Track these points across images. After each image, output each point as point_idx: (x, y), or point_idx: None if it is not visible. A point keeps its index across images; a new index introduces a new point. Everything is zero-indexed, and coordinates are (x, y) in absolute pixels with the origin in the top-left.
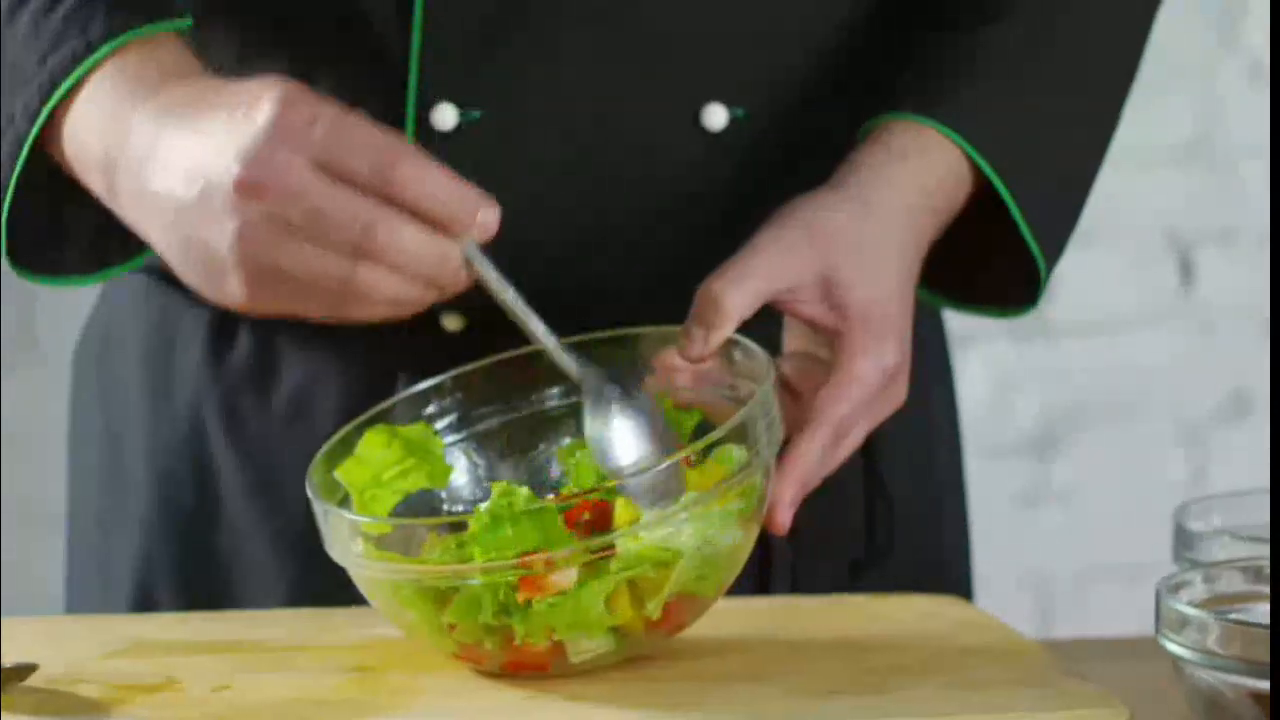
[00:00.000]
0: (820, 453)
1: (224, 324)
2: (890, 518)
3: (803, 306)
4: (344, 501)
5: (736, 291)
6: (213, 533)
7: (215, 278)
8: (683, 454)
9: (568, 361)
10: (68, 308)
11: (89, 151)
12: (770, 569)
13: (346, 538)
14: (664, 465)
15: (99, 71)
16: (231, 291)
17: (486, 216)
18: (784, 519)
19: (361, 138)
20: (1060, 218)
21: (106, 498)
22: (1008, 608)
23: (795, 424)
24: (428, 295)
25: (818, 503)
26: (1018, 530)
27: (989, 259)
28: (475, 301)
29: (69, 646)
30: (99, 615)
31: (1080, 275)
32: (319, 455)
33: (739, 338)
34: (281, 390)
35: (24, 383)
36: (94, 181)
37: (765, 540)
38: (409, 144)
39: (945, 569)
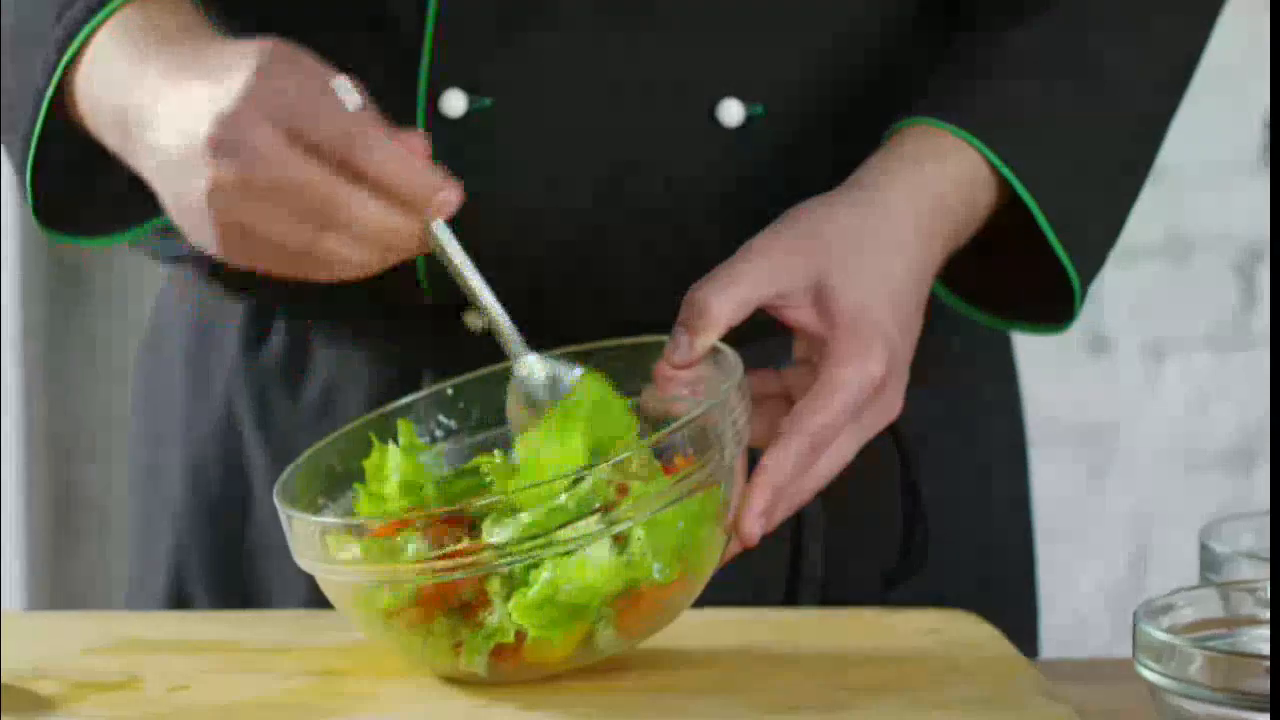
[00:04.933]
0: (795, 463)
1: (259, 318)
2: (925, 532)
3: (792, 313)
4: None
5: (722, 298)
6: (244, 526)
7: (196, 229)
8: (630, 452)
9: (515, 341)
10: None
11: (102, 108)
12: (798, 581)
13: (315, 544)
14: (618, 458)
15: (105, 29)
16: (208, 243)
17: (446, 197)
18: (751, 529)
19: (327, 110)
20: (1095, 228)
21: (149, 491)
22: None
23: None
24: (387, 260)
25: (851, 514)
26: None
27: (1027, 272)
28: (500, 301)
29: (52, 643)
30: (97, 612)
31: None
32: (297, 462)
33: (718, 344)
34: (311, 386)
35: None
36: (109, 137)
37: (795, 551)
38: (374, 122)
39: (998, 587)
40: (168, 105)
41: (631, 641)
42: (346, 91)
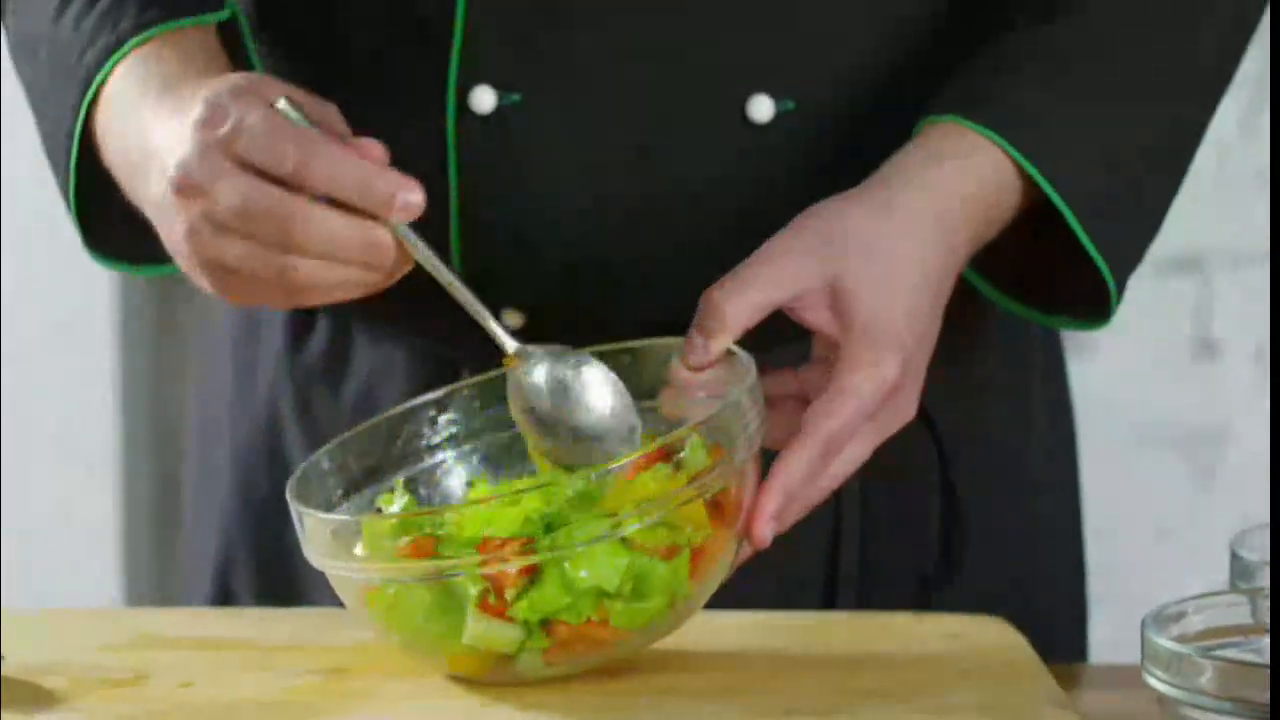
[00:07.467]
0: (807, 467)
1: (304, 312)
2: (963, 534)
3: (808, 314)
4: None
5: (737, 301)
6: (285, 524)
7: (191, 272)
8: (644, 451)
9: (502, 336)
10: None
11: (114, 156)
12: (835, 583)
13: (327, 542)
14: (621, 462)
15: (118, 74)
16: (201, 284)
17: (407, 199)
18: (763, 532)
19: (270, 131)
20: (1128, 226)
21: (200, 489)
22: None
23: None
24: (369, 278)
25: (890, 516)
26: None
27: (1065, 269)
28: (534, 299)
29: (68, 639)
30: (116, 609)
31: None
32: (326, 449)
33: (733, 347)
34: (351, 383)
35: None
36: (123, 183)
37: (832, 555)
38: (324, 136)
39: (1046, 591)
40: (150, 155)
41: (555, 670)
42: (289, 109)
